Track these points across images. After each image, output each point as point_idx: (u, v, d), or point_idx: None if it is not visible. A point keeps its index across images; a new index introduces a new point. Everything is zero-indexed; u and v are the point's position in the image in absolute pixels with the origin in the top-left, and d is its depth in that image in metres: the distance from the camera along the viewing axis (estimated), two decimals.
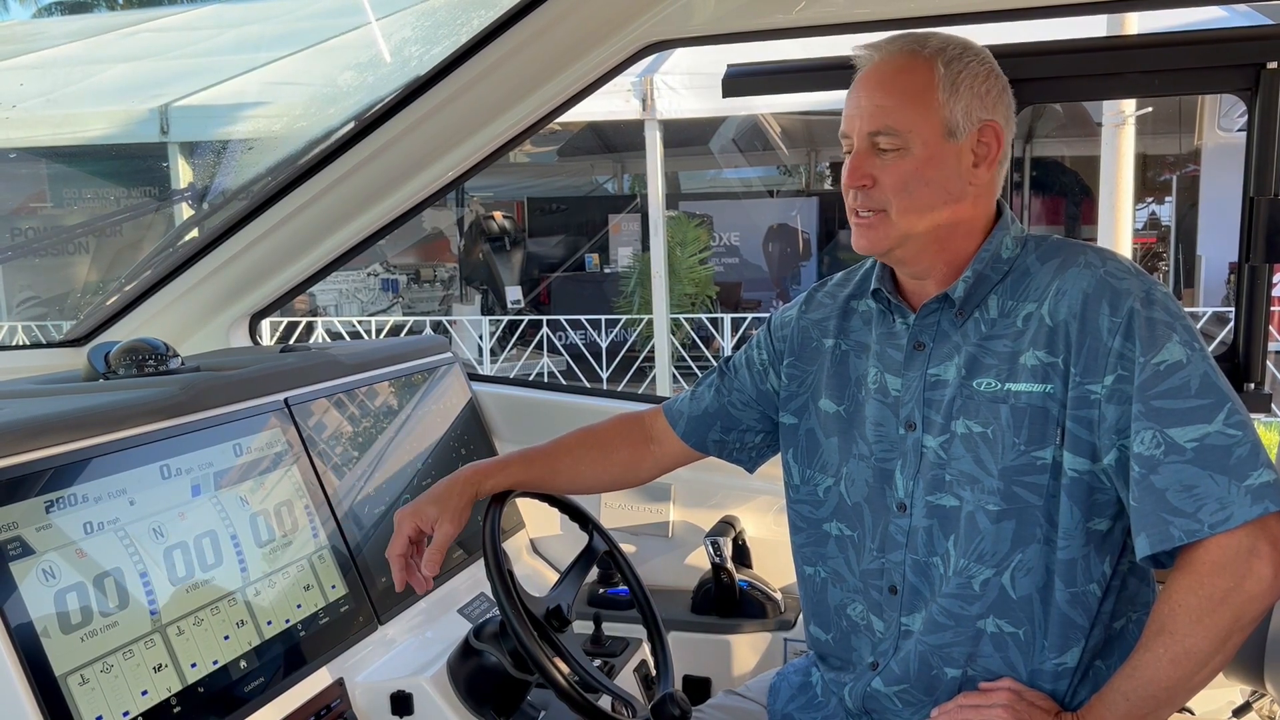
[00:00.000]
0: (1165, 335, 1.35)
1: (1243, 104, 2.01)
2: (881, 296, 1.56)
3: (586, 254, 11.70)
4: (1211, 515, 1.29)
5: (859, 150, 1.45)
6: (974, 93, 1.43)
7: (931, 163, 1.43)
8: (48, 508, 1.35)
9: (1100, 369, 1.37)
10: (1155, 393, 1.33)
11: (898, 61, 1.44)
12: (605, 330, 9.61)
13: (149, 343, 1.86)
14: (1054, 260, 1.46)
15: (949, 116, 1.42)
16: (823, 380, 1.62)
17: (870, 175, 1.44)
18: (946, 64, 1.42)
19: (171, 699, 1.39)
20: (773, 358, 1.70)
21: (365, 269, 11.38)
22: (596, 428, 1.78)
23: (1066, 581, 1.41)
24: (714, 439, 1.75)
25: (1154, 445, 1.32)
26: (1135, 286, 1.39)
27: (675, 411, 1.77)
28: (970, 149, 1.44)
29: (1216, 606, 1.29)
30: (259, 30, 9.66)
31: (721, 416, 1.74)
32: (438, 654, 1.73)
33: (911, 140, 1.42)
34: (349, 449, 1.96)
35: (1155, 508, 1.32)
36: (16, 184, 10.62)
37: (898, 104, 1.42)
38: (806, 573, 1.65)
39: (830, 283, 1.70)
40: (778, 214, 11.81)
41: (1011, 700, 1.40)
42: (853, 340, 1.61)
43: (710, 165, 13.00)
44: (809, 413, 1.64)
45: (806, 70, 2.16)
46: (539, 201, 12.91)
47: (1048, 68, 2.07)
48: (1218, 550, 1.29)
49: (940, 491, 1.47)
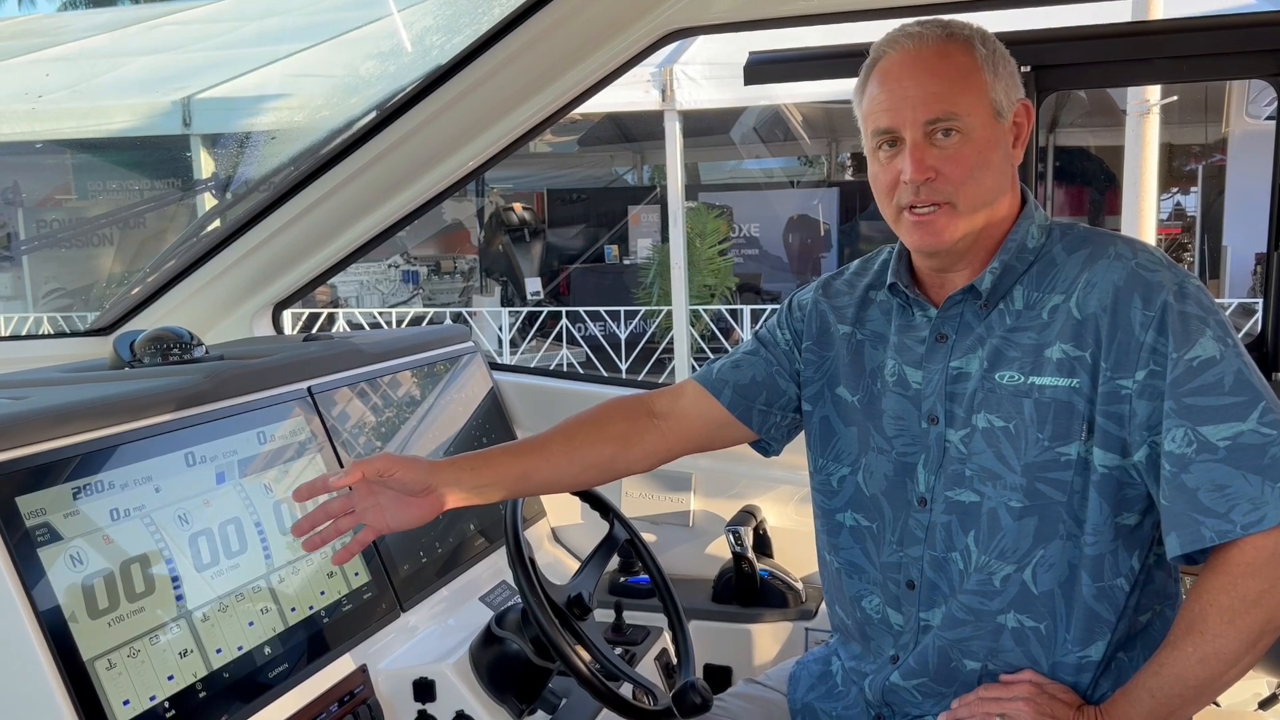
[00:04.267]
0: (1199, 330, 1.32)
1: (1272, 90, 1.98)
2: (898, 291, 1.53)
3: (606, 245, 11.69)
4: (1244, 516, 1.26)
5: (915, 142, 1.38)
6: (1009, 72, 1.42)
7: (990, 145, 1.39)
8: (75, 494, 1.36)
9: (1132, 364, 1.34)
10: (1188, 389, 1.30)
11: (938, 47, 1.40)
12: (624, 322, 9.60)
13: (174, 331, 1.87)
14: (1082, 251, 1.43)
15: (996, 97, 1.39)
16: (840, 368, 1.60)
17: (932, 167, 1.38)
18: (983, 43, 1.40)
19: (197, 684, 1.41)
20: (795, 338, 1.66)
21: (386, 260, 11.41)
22: (588, 411, 1.66)
23: (1094, 576, 1.40)
24: (759, 409, 1.65)
25: (1185, 443, 1.29)
26: (1168, 279, 1.36)
27: (718, 380, 1.66)
28: (1012, 130, 1.43)
29: (1249, 608, 1.26)
30: (281, 22, 9.69)
31: (768, 386, 1.65)
32: (460, 641, 1.74)
33: (971, 124, 1.37)
34: (372, 437, 1.97)
35: (1186, 507, 1.29)
36: (42, 176, 10.72)
37: (951, 88, 1.37)
38: (825, 559, 1.64)
39: (848, 271, 1.67)
40: (798, 205, 11.75)
41: (1033, 693, 1.39)
42: (869, 330, 1.58)
43: (730, 155, 12.95)
44: (824, 399, 1.61)
45: (830, 57, 2.14)
46: (558, 193, 12.90)
47: (1072, 54, 2.05)
48: (1253, 551, 1.26)
49: (960, 487, 1.45)
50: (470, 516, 2.12)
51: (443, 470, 1.49)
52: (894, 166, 1.40)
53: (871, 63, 1.45)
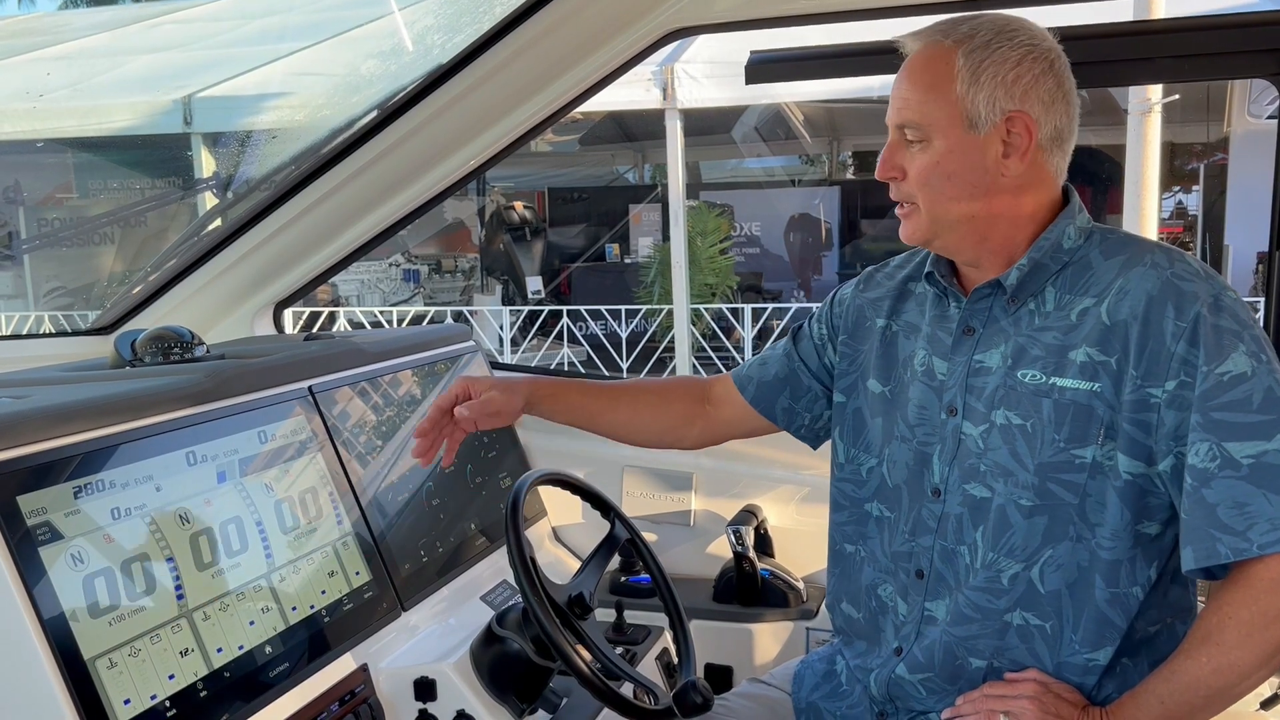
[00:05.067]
0: (1231, 345, 1.31)
1: (1274, 89, 1.98)
2: (935, 280, 1.54)
3: (607, 244, 11.69)
4: (1262, 535, 1.25)
5: (890, 142, 1.46)
6: (998, 82, 1.38)
7: (952, 155, 1.40)
8: (76, 493, 1.36)
9: (1162, 373, 1.33)
10: (1215, 404, 1.29)
11: (925, 52, 1.43)
12: (625, 320, 9.60)
13: (175, 330, 1.87)
14: (1119, 257, 1.42)
15: (970, 108, 1.39)
16: (872, 360, 1.62)
17: (900, 167, 1.45)
18: (968, 54, 1.39)
19: (198, 683, 1.41)
20: (831, 333, 1.70)
21: (387, 259, 11.41)
22: (658, 379, 1.86)
23: (1109, 581, 1.39)
24: (783, 406, 1.74)
25: (1209, 458, 1.29)
26: (1203, 290, 1.35)
27: (744, 377, 1.78)
28: (999, 140, 1.40)
29: (1270, 624, 1.26)
30: (282, 21, 9.69)
31: (791, 383, 1.73)
32: (461, 640, 1.74)
33: (931, 133, 1.41)
34: (372, 437, 1.97)
35: (1204, 522, 1.28)
36: (44, 174, 10.73)
37: (919, 98, 1.41)
38: (847, 550, 1.64)
39: (891, 264, 1.70)
40: (799, 203, 11.75)
41: (1038, 692, 1.39)
42: (904, 321, 1.60)
43: (732, 154, 12.95)
44: (858, 392, 1.63)
45: (832, 56, 2.14)
46: (559, 191, 12.90)
47: (1073, 53, 2.03)
48: (1277, 567, 1.25)
49: (973, 481, 1.45)
50: (471, 516, 2.12)
51: (527, 390, 1.72)
52: None
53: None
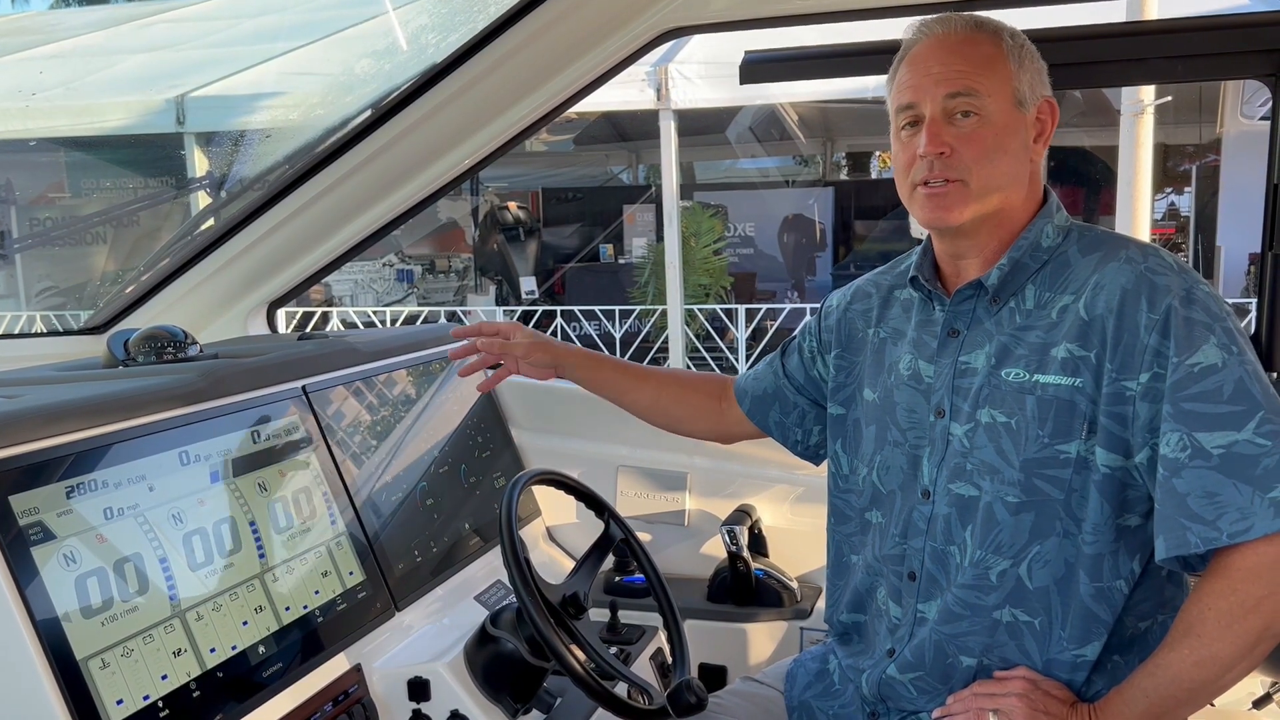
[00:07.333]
0: (1202, 336, 1.32)
1: (1266, 90, 1.98)
2: (919, 284, 1.55)
3: (601, 244, 11.67)
4: (1231, 524, 1.26)
5: (934, 117, 1.42)
6: (1034, 68, 1.45)
7: (1008, 131, 1.42)
8: (68, 493, 1.35)
9: (1136, 366, 1.34)
10: (1186, 395, 1.30)
11: (965, 34, 1.44)
12: (619, 321, 9.59)
13: (168, 330, 1.87)
14: (1095, 253, 1.44)
15: (1018, 87, 1.42)
16: (866, 370, 1.63)
17: (948, 143, 1.41)
18: (1010, 36, 1.44)
19: (191, 683, 1.40)
20: (821, 346, 1.71)
21: (380, 259, 11.39)
22: (685, 370, 1.95)
23: (1092, 576, 1.40)
24: (775, 420, 1.79)
25: (1180, 448, 1.30)
26: (1176, 284, 1.36)
27: (742, 389, 1.83)
28: (1033, 123, 1.45)
29: (1248, 613, 1.26)
30: (276, 20, 9.67)
31: (779, 399, 1.76)
32: (455, 640, 1.74)
33: (990, 105, 1.40)
34: (367, 436, 1.96)
35: (1175, 512, 1.29)
36: (36, 173, 10.69)
37: (974, 68, 1.41)
38: (851, 561, 1.65)
39: (876, 271, 1.71)
40: (794, 204, 11.74)
41: (1027, 689, 1.40)
42: (890, 327, 1.61)
43: (726, 155, 12.94)
44: (856, 403, 1.64)
45: (827, 56, 2.14)
46: (553, 191, 12.88)
47: (1067, 53, 2.04)
48: (1254, 556, 1.26)
49: (961, 480, 1.46)
50: (465, 516, 2.12)
51: (566, 357, 1.89)
52: (913, 144, 1.44)
53: (903, 52, 1.49)
